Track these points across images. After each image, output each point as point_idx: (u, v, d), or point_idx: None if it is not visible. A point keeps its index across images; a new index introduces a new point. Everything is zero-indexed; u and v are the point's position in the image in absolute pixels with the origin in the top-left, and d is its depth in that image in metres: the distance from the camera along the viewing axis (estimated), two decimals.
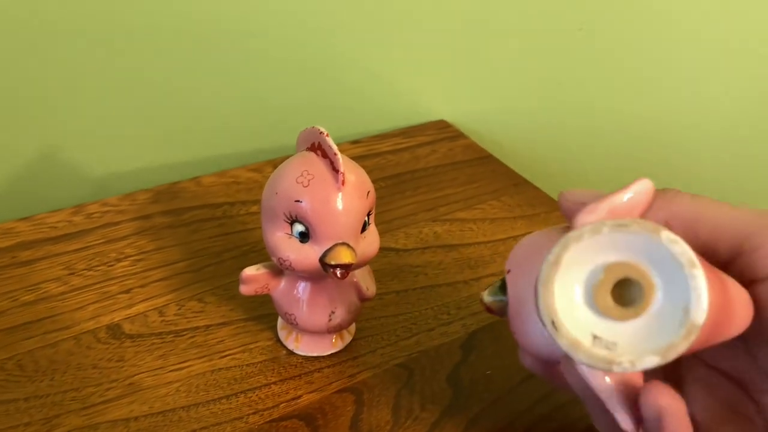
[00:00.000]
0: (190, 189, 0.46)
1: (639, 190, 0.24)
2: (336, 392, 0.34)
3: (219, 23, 0.48)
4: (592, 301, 0.22)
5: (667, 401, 0.22)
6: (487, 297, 0.28)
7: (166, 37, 0.47)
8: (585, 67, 0.56)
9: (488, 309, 0.28)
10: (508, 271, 0.26)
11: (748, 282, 0.24)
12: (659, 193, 0.25)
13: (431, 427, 0.32)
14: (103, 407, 0.32)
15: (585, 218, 0.23)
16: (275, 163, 0.49)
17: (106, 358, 0.34)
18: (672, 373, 0.27)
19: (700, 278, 0.21)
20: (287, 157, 0.32)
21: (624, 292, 0.22)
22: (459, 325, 0.38)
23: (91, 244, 0.41)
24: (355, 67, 0.54)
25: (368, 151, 0.52)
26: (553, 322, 0.22)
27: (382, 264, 0.41)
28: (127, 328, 0.36)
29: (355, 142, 0.53)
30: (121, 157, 0.50)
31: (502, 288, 0.27)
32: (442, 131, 0.56)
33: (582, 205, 0.23)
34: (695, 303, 0.21)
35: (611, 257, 0.22)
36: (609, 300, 0.22)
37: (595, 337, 0.22)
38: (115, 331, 0.36)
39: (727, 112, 0.55)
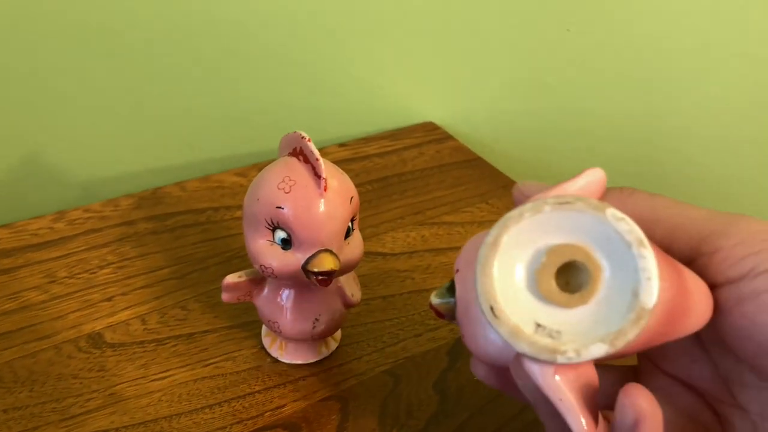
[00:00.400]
0: (174, 194, 0.45)
1: (590, 180, 0.22)
2: (321, 400, 0.33)
3: (204, 27, 0.47)
4: (535, 287, 0.20)
5: (646, 406, 0.20)
6: (434, 299, 0.26)
7: (149, 41, 0.46)
8: (573, 69, 0.55)
9: (436, 312, 0.26)
10: (457, 271, 0.24)
11: (709, 285, 0.23)
12: (614, 191, 0.24)
13: None
14: (84, 418, 0.31)
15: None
16: (260, 167, 0.48)
17: (87, 367, 0.34)
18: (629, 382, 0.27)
19: (649, 258, 0.19)
20: (273, 160, 0.31)
21: (571, 277, 0.21)
22: (446, 331, 0.37)
23: (73, 251, 0.40)
24: (341, 70, 0.53)
25: (355, 154, 0.52)
26: (492, 308, 0.20)
27: (369, 269, 0.41)
28: (108, 336, 0.35)
29: (341, 145, 0.53)
30: (104, 162, 0.49)
31: (451, 289, 0.25)
32: (430, 133, 0.56)
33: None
34: (644, 285, 0.19)
35: (554, 239, 0.20)
36: (553, 285, 0.20)
37: (538, 326, 0.20)
38: (96, 340, 0.35)
39: (717, 113, 0.55)
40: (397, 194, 0.48)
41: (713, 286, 0.22)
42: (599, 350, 0.19)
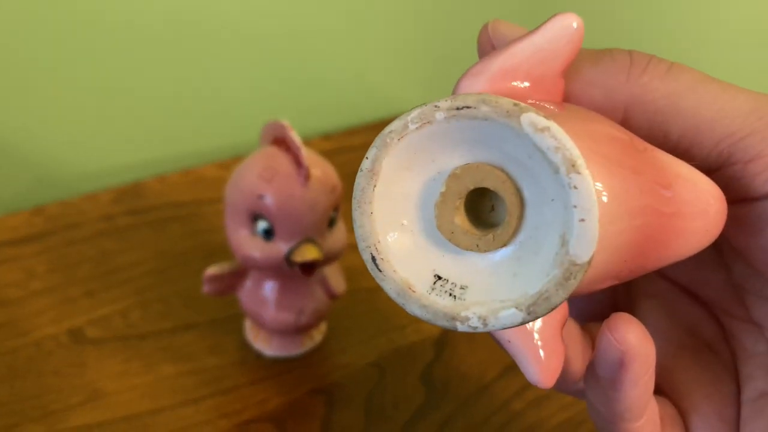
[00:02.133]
0: (154, 188, 0.45)
1: (556, 34, 0.16)
2: (306, 393, 0.33)
3: (182, 18, 0.46)
4: (434, 225, 0.15)
5: (636, 342, 0.16)
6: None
7: (126, 33, 0.45)
8: None
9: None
10: None
11: (739, 199, 0.18)
12: (616, 56, 0.18)
13: (404, 426, 0.32)
14: (65, 414, 0.31)
15: (466, 85, 0.16)
16: (242, 160, 0.48)
17: (68, 363, 0.33)
18: (621, 285, 0.22)
19: (583, 189, 0.13)
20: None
21: (483, 212, 0.16)
22: None
23: (52, 246, 0.40)
24: (325, 61, 0.53)
25: (339, 145, 0.51)
26: (372, 258, 0.15)
27: (353, 260, 0.40)
28: (89, 332, 0.35)
29: (325, 137, 0.52)
30: (82, 156, 0.49)
31: None
32: None
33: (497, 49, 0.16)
34: (576, 230, 0.13)
35: (457, 159, 0.15)
36: (457, 222, 0.15)
37: (437, 278, 0.15)
38: (76, 335, 0.35)
39: None
40: None
41: (749, 201, 0.18)
42: (511, 319, 0.14)
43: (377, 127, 0.54)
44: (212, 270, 0.32)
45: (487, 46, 0.18)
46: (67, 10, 0.43)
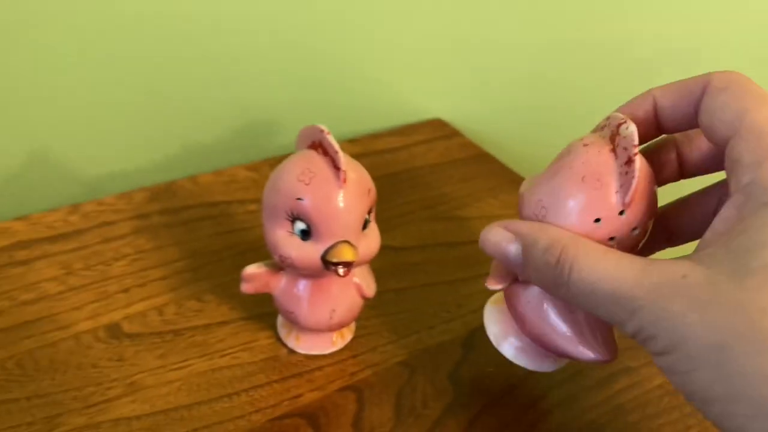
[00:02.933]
0: (187, 188, 0.46)
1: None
2: (337, 390, 0.34)
3: (215, 23, 0.47)
4: None
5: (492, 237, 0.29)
6: None
7: (161, 36, 0.46)
8: (580, 65, 0.56)
9: None
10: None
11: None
12: None
13: (434, 424, 0.32)
14: (105, 406, 0.32)
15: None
16: (272, 163, 0.48)
17: (106, 357, 0.34)
18: None
19: None
20: (284, 156, 0.32)
21: None
22: (459, 323, 0.38)
23: (88, 243, 0.41)
24: (351, 67, 0.54)
25: (365, 149, 0.52)
26: None
27: (381, 262, 0.41)
28: (126, 327, 0.36)
29: (351, 141, 0.53)
30: (116, 157, 0.50)
31: None
32: (438, 130, 0.56)
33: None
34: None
35: None
36: None
37: None
38: (114, 330, 0.36)
39: None
40: (408, 189, 0.48)
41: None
42: None
43: (400, 132, 0.55)
44: (250, 269, 0.32)
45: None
46: (101, 15, 0.44)
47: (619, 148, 0.26)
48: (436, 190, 0.49)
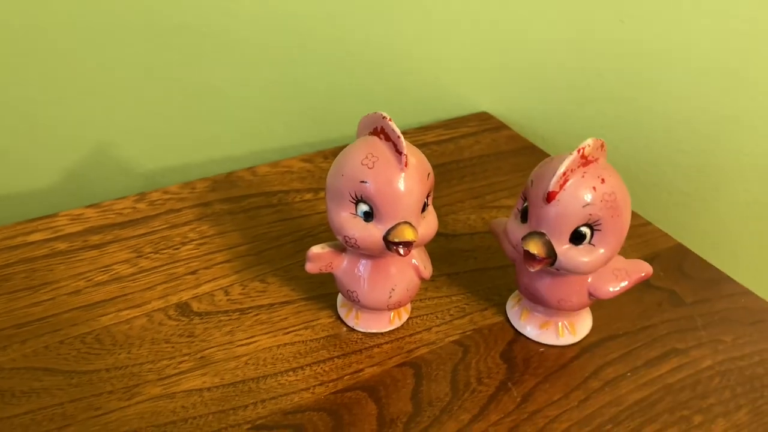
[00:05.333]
0: (246, 178, 0.48)
1: None
2: (396, 366, 0.35)
3: (276, 25, 0.49)
4: None
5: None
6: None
7: (221, 35, 0.49)
8: (626, 59, 0.57)
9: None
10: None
11: None
12: None
13: (489, 399, 0.34)
14: (178, 378, 0.34)
15: None
16: (325, 154, 0.50)
17: (177, 333, 0.36)
18: None
19: None
20: (338, 147, 0.33)
21: None
22: None
23: (156, 229, 0.43)
24: (399, 63, 0.55)
25: (413, 141, 0.54)
26: None
27: (432, 248, 0.43)
28: (195, 306, 0.38)
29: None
30: (178, 149, 0.52)
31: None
32: (485, 122, 0.57)
33: None
34: None
35: None
36: None
37: None
38: (184, 309, 0.38)
39: None
40: (456, 180, 0.50)
41: None
42: None
43: (448, 125, 0.56)
44: (315, 249, 0.34)
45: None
46: (162, 14, 0.47)
47: None
48: (483, 181, 0.50)
